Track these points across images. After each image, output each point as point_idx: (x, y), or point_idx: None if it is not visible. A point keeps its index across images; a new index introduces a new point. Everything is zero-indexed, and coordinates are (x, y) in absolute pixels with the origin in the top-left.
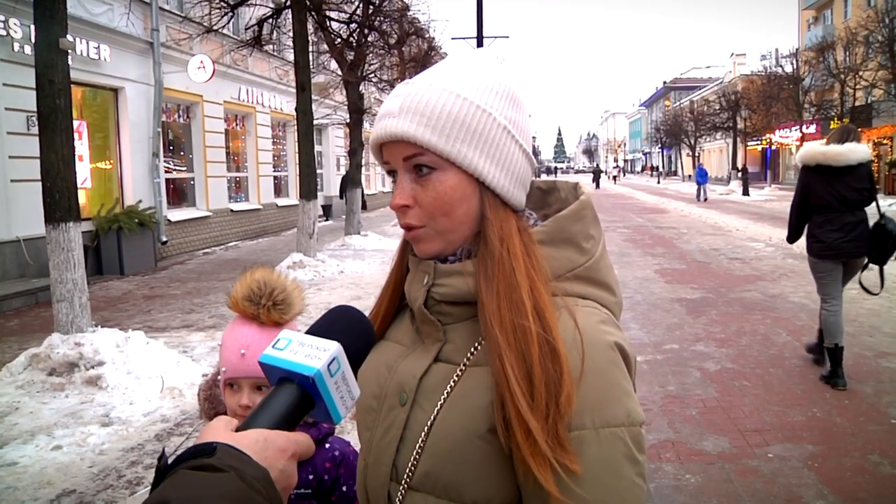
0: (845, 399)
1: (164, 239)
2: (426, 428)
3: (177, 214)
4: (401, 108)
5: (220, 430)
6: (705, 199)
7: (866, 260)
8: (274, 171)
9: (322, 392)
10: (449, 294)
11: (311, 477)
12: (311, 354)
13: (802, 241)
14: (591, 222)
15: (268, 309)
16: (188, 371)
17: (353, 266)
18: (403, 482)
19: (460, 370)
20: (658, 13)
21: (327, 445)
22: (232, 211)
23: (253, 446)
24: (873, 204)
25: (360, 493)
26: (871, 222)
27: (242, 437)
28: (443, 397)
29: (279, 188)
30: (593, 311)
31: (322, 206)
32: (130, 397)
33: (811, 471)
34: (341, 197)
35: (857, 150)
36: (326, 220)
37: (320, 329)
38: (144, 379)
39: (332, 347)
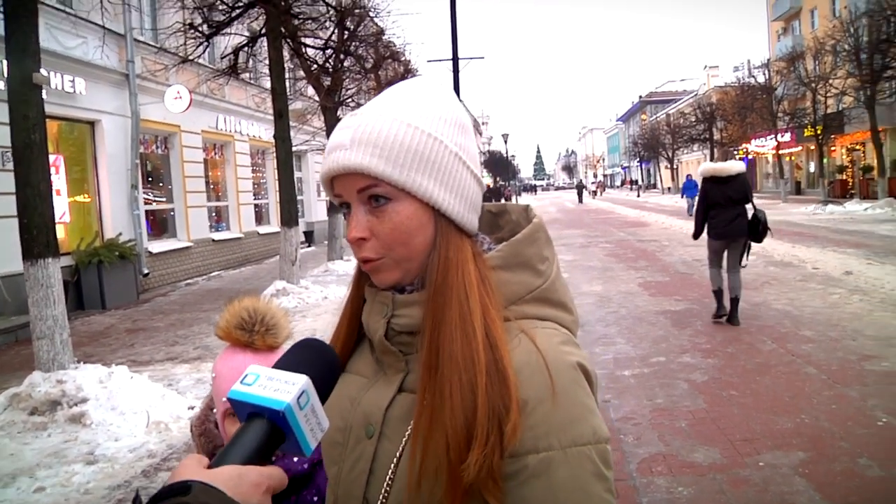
0: (832, 404)
1: (146, 271)
2: (395, 459)
3: (158, 246)
4: (352, 140)
5: (193, 468)
6: (691, 214)
7: (748, 242)
8: (254, 199)
9: (293, 426)
10: (409, 324)
11: (315, 499)
12: (280, 388)
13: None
14: (544, 244)
15: (262, 335)
16: (174, 404)
17: (337, 291)
18: None
19: None
20: (631, 28)
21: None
22: (213, 240)
23: (227, 482)
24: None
25: None
26: (751, 215)
27: (217, 474)
28: (409, 428)
29: (260, 216)
30: (553, 332)
31: (304, 233)
32: (115, 433)
33: (802, 477)
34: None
35: (736, 165)
36: (309, 246)
37: (287, 363)
38: (129, 414)
39: (301, 381)
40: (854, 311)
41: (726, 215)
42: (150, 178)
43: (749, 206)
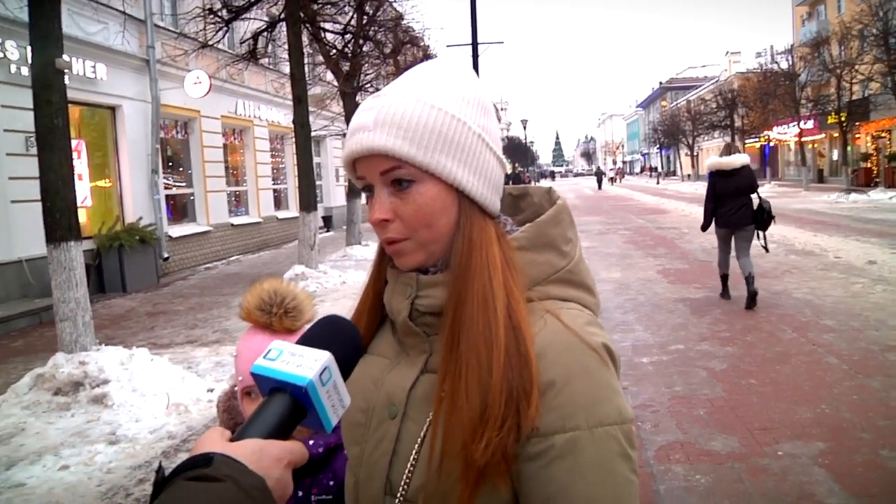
0: (854, 394)
1: (166, 255)
2: (419, 440)
3: (177, 230)
4: (375, 122)
5: (216, 441)
6: None
7: (756, 229)
8: (273, 183)
9: (314, 401)
10: (433, 305)
11: (331, 483)
12: (303, 364)
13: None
14: (568, 226)
15: (280, 317)
16: (193, 387)
17: (356, 276)
18: (399, 495)
19: None
20: (652, 13)
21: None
22: (232, 225)
23: (249, 456)
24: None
25: None
26: (756, 204)
27: (238, 448)
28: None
29: (279, 201)
30: (578, 312)
31: (322, 218)
32: (136, 414)
33: (822, 468)
34: None
35: (739, 158)
36: (327, 231)
37: (311, 339)
38: (150, 396)
39: (324, 357)
40: (877, 301)
41: (732, 205)
42: (170, 163)
43: (755, 196)
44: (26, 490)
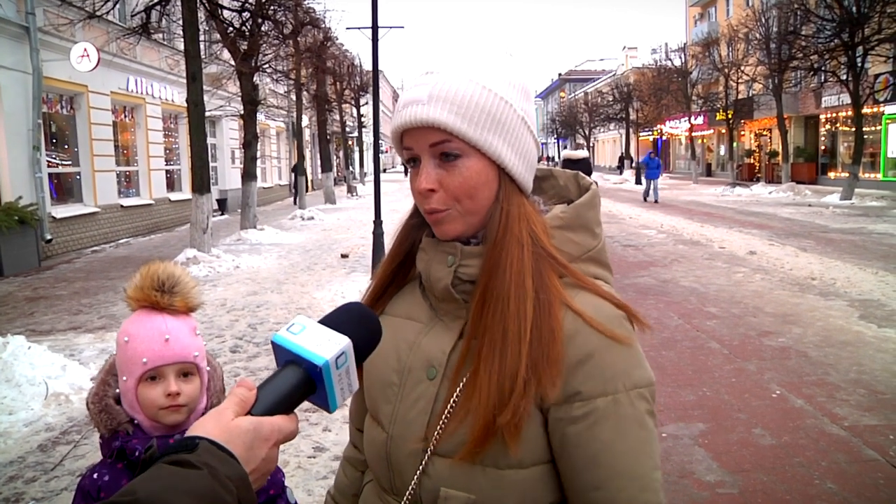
0: (732, 378)
1: (49, 237)
2: (453, 401)
3: (62, 211)
4: (430, 97)
5: (214, 421)
6: (656, 200)
7: None
8: (166, 164)
9: (326, 381)
10: (474, 274)
11: None
12: (323, 344)
13: None
14: (599, 211)
15: (182, 296)
16: (76, 375)
17: (250, 261)
18: (429, 449)
19: None
20: (553, 4)
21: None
22: (122, 206)
23: (241, 437)
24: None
25: (379, 463)
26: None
27: (233, 429)
28: (469, 371)
29: (172, 182)
30: (610, 288)
31: (217, 200)
32: (10, 407)
33: (701, 447)
34: (295, 187)
35: (583, 153)
36: (222, 214)
37: (332, 320)
38: (26, 386)
39: (344, 342)
40: (756, 290)
41: None
42: (54, 140)
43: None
44: None
